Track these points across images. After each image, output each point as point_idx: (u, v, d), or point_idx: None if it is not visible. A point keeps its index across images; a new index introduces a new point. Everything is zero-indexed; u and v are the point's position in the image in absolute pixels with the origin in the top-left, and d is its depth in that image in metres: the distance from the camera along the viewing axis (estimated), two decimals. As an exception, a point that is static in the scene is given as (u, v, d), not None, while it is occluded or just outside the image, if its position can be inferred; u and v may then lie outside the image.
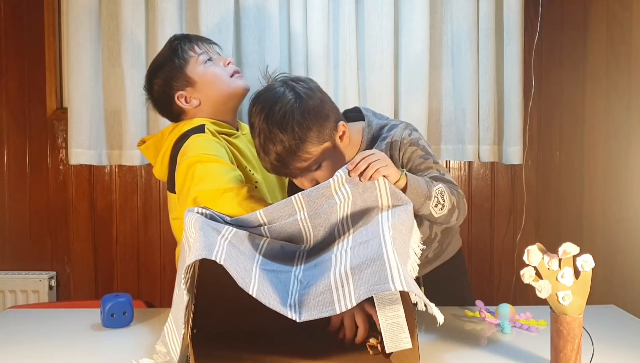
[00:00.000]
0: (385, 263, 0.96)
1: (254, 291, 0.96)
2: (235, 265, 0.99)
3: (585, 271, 1.02)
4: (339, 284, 0.97)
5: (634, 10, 1.78)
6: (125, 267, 2.21)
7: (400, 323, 0.98)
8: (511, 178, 2.23)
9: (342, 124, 1.33)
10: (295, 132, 1.24)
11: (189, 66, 1.52)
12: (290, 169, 1.28)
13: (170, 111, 1.57)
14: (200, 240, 1.02)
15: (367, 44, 2.09)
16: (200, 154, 1.36)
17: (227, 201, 1.28)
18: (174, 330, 1.06)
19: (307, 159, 1.27)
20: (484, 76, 2.08)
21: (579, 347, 1.02)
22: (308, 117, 1.25)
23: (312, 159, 1.28)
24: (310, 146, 1.26)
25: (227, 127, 1.52)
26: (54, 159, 2.20)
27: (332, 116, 1.31)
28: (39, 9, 2.13)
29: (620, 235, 1.84)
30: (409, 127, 1.39)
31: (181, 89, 1.52)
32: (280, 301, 0.98)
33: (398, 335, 0.98)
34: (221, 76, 1.53)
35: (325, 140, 1.29)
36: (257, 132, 1.27)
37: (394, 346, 0.98)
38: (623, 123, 1.83)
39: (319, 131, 1.27)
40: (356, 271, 0.97)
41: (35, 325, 1.33)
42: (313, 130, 1.26)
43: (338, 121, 1.32)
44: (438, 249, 1.47)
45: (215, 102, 1.53)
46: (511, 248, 2.21)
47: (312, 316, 0.95)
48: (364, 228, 1.12)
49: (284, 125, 1.23)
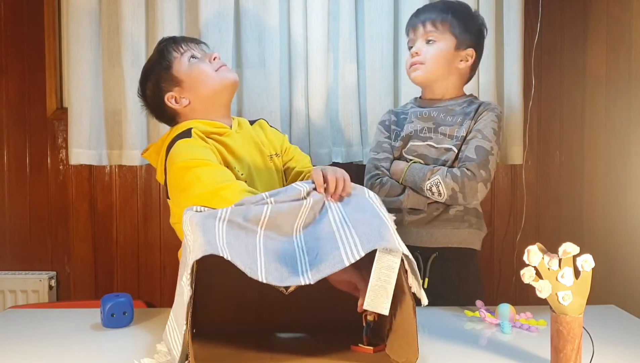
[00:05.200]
0: (387, 224, 1.04)
1: (263, 276, 0.97)
2: (238, 251, 0.99)
3: (585, 271, 1.02)
4: (345, 241, 1.01)
5: (634, 10, 1.78)
6: (125, 267, 2.21)
7: (387, 290, 0.99)
8: (511, 178, 2.23)
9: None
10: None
11: (174, 66, 1.53)
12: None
13: (164, 114, 1.58)
14: (201, 235, 1.02)
15: (367, 44, 2.09)
16: (185, 160, 1.37)
17: (223, 199, 1.28)
18: (175, 329, 1.06)
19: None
20: (484, 76, 2.08)
21: (579, 347, 1.02)
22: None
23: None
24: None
25: (218, 126, 1.51)
26: (54, 159, 2.19)
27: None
28: (39, 9, 2.13)
29: (620, 235, 1.84)
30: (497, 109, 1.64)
31: (170, 90, 1.53)
32: (291, 272, 1.00)
33: (381, 298, 0.99)
34: (207, 71, 1.53)
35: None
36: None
37: (373, 305, 0.99)
38: (623, 123, 1.83)
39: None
40: (359, 228, 1.03)
41: (35, 325, 1.33)
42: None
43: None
44: (460, 213, 1.61)
45: (204, 98, 1.53)
46: (511, 248, 2.21)
47: (323, 275, 0.98)
48: (352, 200, 1.16)
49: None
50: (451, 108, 1.64)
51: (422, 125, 1.64)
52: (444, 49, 1.62)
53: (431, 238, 1.60)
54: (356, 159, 2.11)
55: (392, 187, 1.62)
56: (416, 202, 1.59)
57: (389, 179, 1.63)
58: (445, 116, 1.63)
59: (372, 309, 1.00)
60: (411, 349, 1.03)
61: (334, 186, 1.16)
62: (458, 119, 1.61)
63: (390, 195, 1.61)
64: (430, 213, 1.60)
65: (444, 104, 1.65)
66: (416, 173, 1.58)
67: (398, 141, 1.67)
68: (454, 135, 1.60)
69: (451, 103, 1.65)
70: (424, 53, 1.63)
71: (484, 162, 1.54)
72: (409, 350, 1.03)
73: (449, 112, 1.64)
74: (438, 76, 1.65)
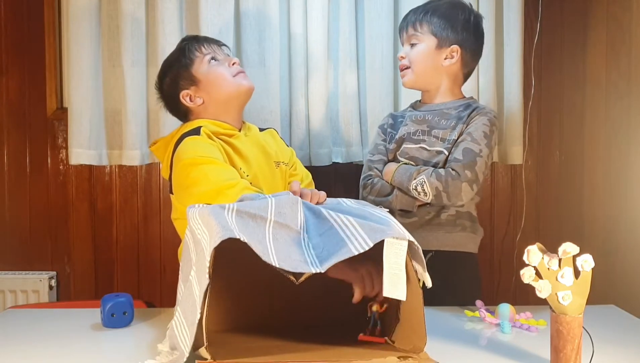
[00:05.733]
0: (389, 220, 1.06)
1: (275, 262, 0.98)
2: (250, 238, 1.00)
3: (585, 271, 1.02)
4: (350, 234, 1.03)
5: (634, 11, 1.78)
6: (125, 267, 2.21)
7: (400, 276, 1.00)
8: (511, 178, 2.23)
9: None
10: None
11: (194, 66, 1.56)
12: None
13: (177, 110, 1.62)
14: (215, 223, 1.02)
15: (367, 44, 2.09)
16: (193, 157, 1.40)
17: (227, 197, 1.29)
18: (183, 323, 1.06)
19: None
20: (484, 76, 2.08)
21: (578, 347, 1.02)
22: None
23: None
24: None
25: (227, 127, 1.54)
26: (54, 159, 2.20)
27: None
28: (39, 9, 2.13)
29: (620, 235, 1.84)
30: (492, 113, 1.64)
31: (186, 88, 1.57)
32: (302, 260, 1.01)
33: (397, 284, 1.01)
34: (224, 75, 1.56)
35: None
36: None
37: (391, 292, 1.01)
38: (623, 123, 1.83)
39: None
40: (364, 224, 1.04)
41: (35, 325, 1.33)
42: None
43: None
44: (452, 217, 1.61)
45: (218, 101, 1.56)
46: (511, 248, 2.21)
47: (332, 262, 0.99)
48: (336, 207, 1.18)
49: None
50: (447, 111, 1.64)
51: (416, 128, 1.65)
52: (424, 50, 1.62)
53: (423, 241, 1.56)
54: (356, 159, 2.10)
55: (382, 187, 1.64)
56: (405, 203, 1.59)
57: (380, 180, 1.65)
58: (440, 120, 1.63)
59: (391, 295, 1.01)
60: (418, 336, 1.03)
61: (309, 198, 1.23)
62: (452, 123, 1.61)
63: (380, 195, 1.63)
64: (422, 217, 1.61)
65: (440, 107, 1.65)
66: (404, 173, 1.58)
67: (392, 144, 1.69)
68: (446, 138, 1.60)
69: (447, 106, 1.65)
70: (408, 57, 1.65)
71: (471, 163, 1.53)
72: (415, 338, 1.04)
73: (444, 115, 1.63)
74: (427, 78, 1.65)
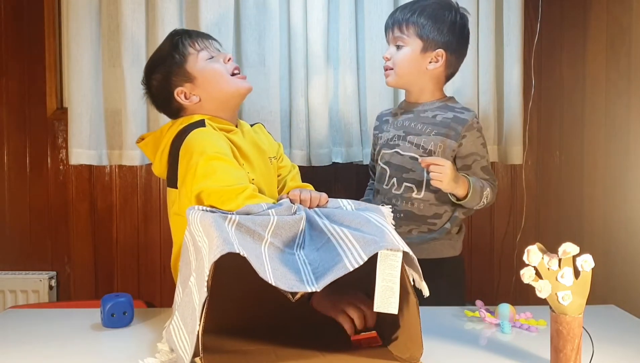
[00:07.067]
0: (384, 229, 1.06)
1: (272, 280, 0.99)
2: (248, 253, 1.00)
3: (585, 271, 1.02)
4: (346, 248, 1.04)
5: (634, 11, 1.78)
6: (125, 267, 2.21)
7: (393, 289, 1.01)
8: (511, 178, 2.23)
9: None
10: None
11: (189, 62, 1.50)
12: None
13: (169, 107, 1.55)
14: (217, 235, 1.02)
15: (367, 44, 2.09)
16: (204, 149, 1.35)
17: (232, 200, 1.27)
18: (182, 329, 1.06)
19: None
20: (484, 76, 2.08)
21: (578, 347, 1.02)
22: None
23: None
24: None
25: (225, 123, 1.51)
26: (54, 159, 2.20)
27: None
28: (39, 9, 2.13)
29: (620, 234, 1.84)
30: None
31: (180, 85, 1.51)
32: (297, 279, 1.02)
33: (389, 299, 1.01)
34: (222, 73, 1.52)
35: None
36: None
37: (383, 307, 1.01)
38: (623, 123, 1.83)
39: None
40: (359, 237, 1.05)
41: (35, 325, 1.33)
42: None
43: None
44: (424, 234, 1.63)
45: (216, 99, 1.52)
46: (511, 248, 2.21)
47: (328, 281, 1.00)
48: (336, 212, 1.19)
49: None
50: (424, 114, 1.63)
51: (394, 133, 1.67)
52: (409, 53, 1.60)
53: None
54: (356, 159, 2.10)
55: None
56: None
57: (370, 192, 1.78)
58: (416, 124, 1.63)
59: (382, 310, 1.01)
60: (415, 345, 1.03)
61: (309, 203, 1.24)
62: (427, 128, 1.61)
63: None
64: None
65: (418, 108, 1.65)
66: (477, 189, 1.58)
67: (377, 147, 1.72)
68: (420, 144, 1.60)
69: (424, 108, 1.64)
70: (393, 59, 1.63)
71: (492, 175, 1.67)
72: (412, 346, 1.04)
73: (420, 119, 1.63)
74: (409, 80, 1.64)
